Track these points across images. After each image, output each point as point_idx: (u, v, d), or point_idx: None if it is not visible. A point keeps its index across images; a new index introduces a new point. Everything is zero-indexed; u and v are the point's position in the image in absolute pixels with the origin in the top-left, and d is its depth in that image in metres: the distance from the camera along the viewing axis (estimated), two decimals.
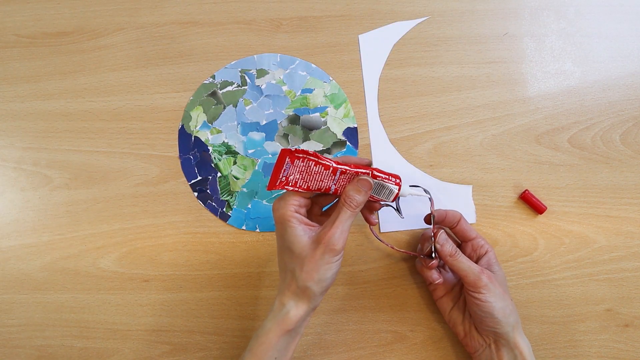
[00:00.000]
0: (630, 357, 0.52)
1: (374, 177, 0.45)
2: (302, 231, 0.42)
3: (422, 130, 0.56)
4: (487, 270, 0.47)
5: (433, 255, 0.48)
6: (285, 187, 0.43)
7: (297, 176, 0.43)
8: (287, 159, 0.43)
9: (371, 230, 0.52)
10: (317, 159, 0.43)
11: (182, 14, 0.58)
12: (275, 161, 0.45)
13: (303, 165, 0.43)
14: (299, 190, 0.43)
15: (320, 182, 0.43)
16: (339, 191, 0.44)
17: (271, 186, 0.43)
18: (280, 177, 0.43)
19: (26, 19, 0.58)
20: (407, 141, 0.56)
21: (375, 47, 0.57)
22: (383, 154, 0.56)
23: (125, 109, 0.57)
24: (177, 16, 0.58)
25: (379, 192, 0.45)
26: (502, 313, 0.45)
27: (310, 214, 0.47)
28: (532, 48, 0.58)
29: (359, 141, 0.56)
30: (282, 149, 0.43)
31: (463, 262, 0.46)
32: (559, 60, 0.58)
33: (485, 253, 0.49)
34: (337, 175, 0.44)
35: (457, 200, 0.54)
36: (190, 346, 0.53)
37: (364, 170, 0.44)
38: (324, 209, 0.49)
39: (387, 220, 0.54)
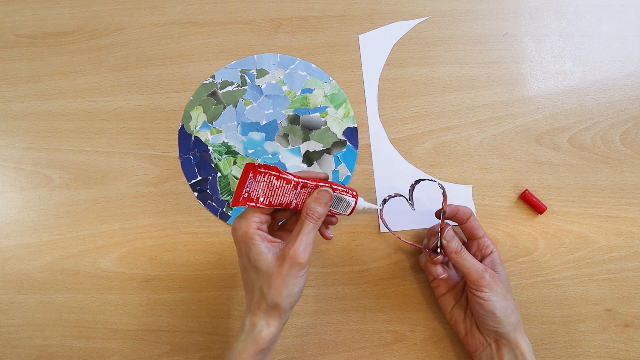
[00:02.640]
0: (630, 357, 0.52)
1: (333, 190, 0.45)
2: (266, 248, 0.42)
3: (422, 130, 0.56)
4: (490, 270, 0.47)
5: (438, 250, 0.48)
6: (248, 203, 0.43)
7: (260, 192, 0.43)
8: (250, 174, 0.43)
9: (380, 218, 0.52)
10: (278, 174, 0.43)
11: (182, 14, 0.58)
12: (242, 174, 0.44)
13: (265, 181, 0.43)
14: (261, 206, 0.43)
15: (282, 197, 0.43)
16: (299, 206, 0.44)
17: (235, 202, 0.43)
18: (243, 193, 0.43)
19: (26, 19, 0.58)
20: (407, 141, 0.56)
21: (375, 47, 0.57)
22: (383, 154, 0.56)
23: (125, 109, 0.57)
24: (177, 16, 0.58)
25: (336, 205, 0.46)
26: (504, 312, 0.45)
27: (268, 229, 0.46)
28: (532, 48, 0.58)
29: (359, 141, 0.56)
30: (246, 164, 0.43)
31: (467, 260, 0.46)
32: (559, 60, 0.58)
33: (490, 253, 0.49)
34: (298, 190, 0.44)
35: (457, 200, 0.55)
36: (190, 346, 0.53)
37: (323, 184, 0.45)
38: (279, 223, 0.48)
39: (390, 220, 0.54)
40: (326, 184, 0.45)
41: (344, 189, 0.46)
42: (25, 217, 0.55)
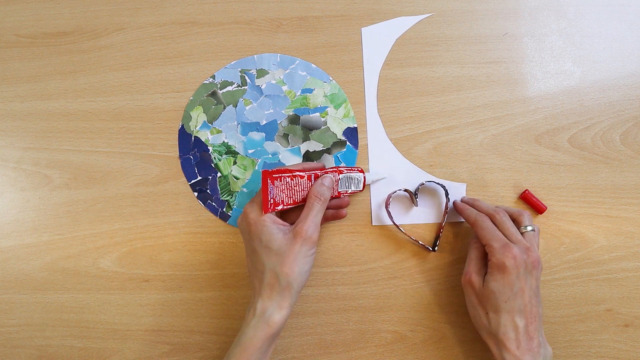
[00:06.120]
0: (630, 357, 0.52)
1: (340, 172, 0.51)
2: (277, 229, 0.45)
3: (422, 130, 0.56)
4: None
5: (435, 248, 0.52)
6: (276, 208, 0.46)
7: (282, 195, 0.46)
8: (269, 181, 0.45)
9: (386, 210, 0.53)
10: (291, 174, 0.47)
11: (182, 14, 0.58)
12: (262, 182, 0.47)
13: (282, 184, 0.46)
14: (287, 207, 0.47)
15: (303, 192, 0.48)
16: None
17: (265, 210, 0.46)
18: (269, 200, 0.46)
19: (26, 19, 0.58)
20: (407, 141, 0.56)
21: (378, 40, 0.57)
22: (383, 154, 0.56)
23: (125, 109, 0.57)
24: (177, 16, 0.58)
25: (349, 184, 0.51)
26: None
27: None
28: (532, 48, 0.58)
29: (358, 141, 0.56)
30: (262, 171, 0.46)
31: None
32: (559, 60, 0.58)
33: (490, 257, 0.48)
34: (312, 182, 0.49)
35: (451, 198, 0.54)
36: (190, 346, 0.53)
37: (332, 169, 0.50)
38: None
39: (394, 215, 0.54)
40: (333, 169, 0.50)
41: (351, 169, 0.51)
42: (25, 217, 0.55)
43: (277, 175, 0.46)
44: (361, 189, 0.52)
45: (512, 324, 0.44)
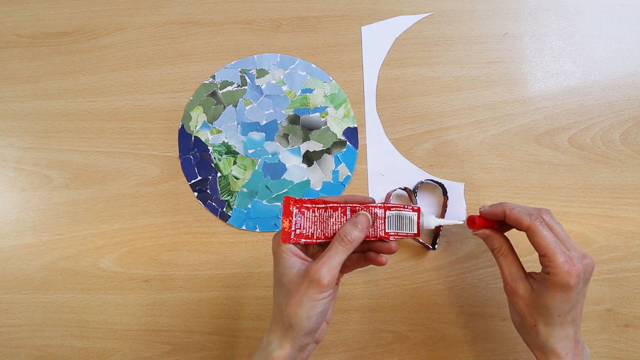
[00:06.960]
0: (630, 357, 0.52)
1: (388, 208, 0.43)
2: (293, 263, 0.40)
3: (422, 130, 0.56)
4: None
5: (435, 247, 0.52)
6: (300, 240, 0.42)
7: (312, 227, 0.42)
8: (295, 210, 0.41)
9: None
10: (325, 205, 0.42)
11: (182, 14, 0.58)
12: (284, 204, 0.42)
13: (314, 215, 0.42)
14: (318, 241, 0.42)
15: (335, 226, 0.42)
16: None
17: (285, 239, 0.41)
18: (294, 229, 0.41)
19: (26, 19, 0.58)
20: (407, 141, 0.56)
21: (378, 39, 0.57)
22: (382, 153, 0.56)
23: (125, 109, 0.57)
24: (177, 16, 0.58)
25: (400, 224, 0.43)
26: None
27: (312, 250, 0.45)
28: (532, 48, 0.58)
29: (358, 141, 0.56)
30: (284, 198, 0.42)
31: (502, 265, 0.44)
32: (559, 60, 0.58)
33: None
34: (348, 215, 0.42)
35: (450, 197, 0.54)
36: (190, 346, 0.53)
37: (378, 205, 0.43)
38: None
39: None
40: (380, 205, 0.43)
41: (403, 206, 0.43)
42: (25, 217, 0.55)
43: (309, 205, 0.42)
44: (415, 232, 0.43)
45: (564, 334, 0.42)
